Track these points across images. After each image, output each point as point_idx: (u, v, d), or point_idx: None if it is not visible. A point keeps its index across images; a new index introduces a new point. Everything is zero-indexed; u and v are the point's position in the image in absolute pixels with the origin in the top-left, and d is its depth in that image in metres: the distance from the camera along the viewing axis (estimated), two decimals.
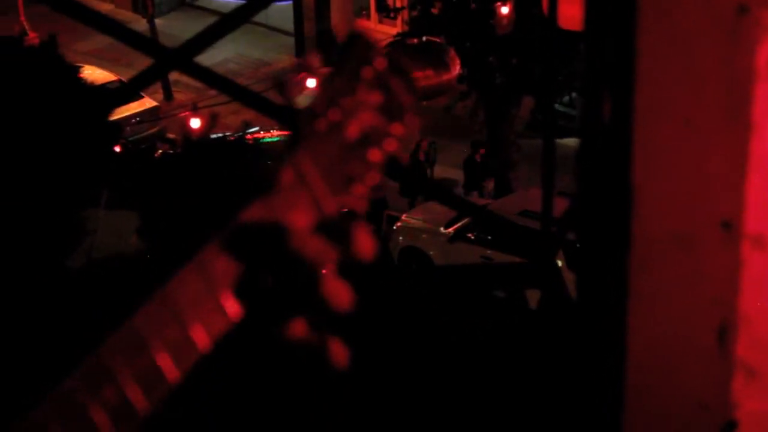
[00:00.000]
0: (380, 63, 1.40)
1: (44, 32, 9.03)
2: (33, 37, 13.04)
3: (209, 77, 2.40)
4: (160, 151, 12.12)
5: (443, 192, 3.08)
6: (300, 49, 14.30)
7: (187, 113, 10.25)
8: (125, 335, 1.09)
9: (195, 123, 9.54)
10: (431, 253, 10.87)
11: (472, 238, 10.40)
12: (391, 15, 12.12)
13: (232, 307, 1.21)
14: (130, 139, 12.16)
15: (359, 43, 1.42)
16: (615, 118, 1.81)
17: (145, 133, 13.50)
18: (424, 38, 9.87)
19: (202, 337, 1.17)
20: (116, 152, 8.27)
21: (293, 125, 1.31)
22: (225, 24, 2.50)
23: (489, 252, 9.97)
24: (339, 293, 1.24)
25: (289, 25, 14.89)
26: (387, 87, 1.43)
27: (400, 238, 11.04)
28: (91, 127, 6.49)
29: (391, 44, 10.22)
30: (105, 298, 1.25)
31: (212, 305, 1.20)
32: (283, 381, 1.36)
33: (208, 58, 13.38)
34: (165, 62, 2.44)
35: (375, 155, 1.38)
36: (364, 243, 1.28)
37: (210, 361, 1.19)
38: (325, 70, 1.43)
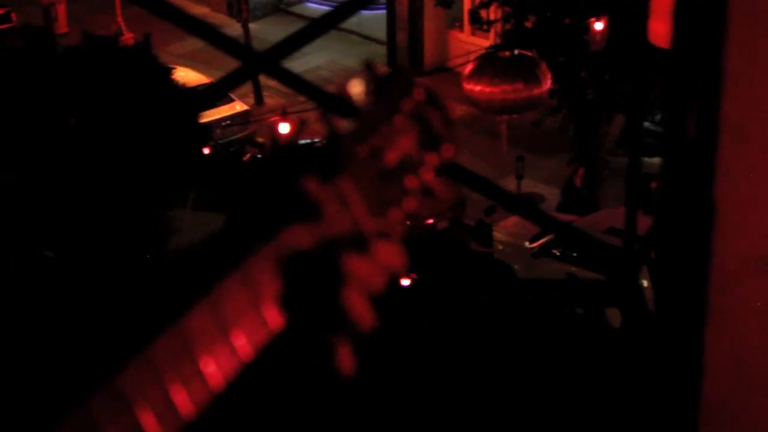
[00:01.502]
0: (419, 95, 1.47)
1: (140, 33, 9.16)
2: (128, 38, 13.23)
3: (294, 81, 2.41)
4: (249, 154, 12.23)
5: (526, 207, 3.07)
6: (392, 59, 14.34)
7: (276, 118, 10.32)
8: (171, 340, 1.11)
9: (284, 128, 9.61)
10: (516, 266, 10.83)
11: (557, 254, 10.36)
12: (484, 27, 12.09)
13: (275, 319, 1.25)
14: (220, 142, 12.28)
15: (400, 75, 1.48)
16: (699, 136, 1.78)
17: (235, 137, 13.63)
18: (516, 51, 9.83)
19: (244, 347, 1.20)
20: (205, 154, 8.36)
21: (336, 150, 1.37)
22: (313, 29, 2.51)
23: (573, 269, 9.92)
24: (366, 313, 1.29)
25: (383, 34, 14.94)
26: (424, 118, 1.50)
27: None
28: (180, 128, 6.57)
29: (482, 56, 10.20)
30: (159, 298, 1.29)
31: (255, 316, 1.23)
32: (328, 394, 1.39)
33: (300, 65, 13.48)
34: (252, 66, 2.45)
35: (411, 182, 1.44)
36: (396, 262, 1.34)
37: (249, 370, 1.22)
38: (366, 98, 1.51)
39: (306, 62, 13.66)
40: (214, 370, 1.18)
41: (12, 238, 6.26)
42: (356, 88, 1.44)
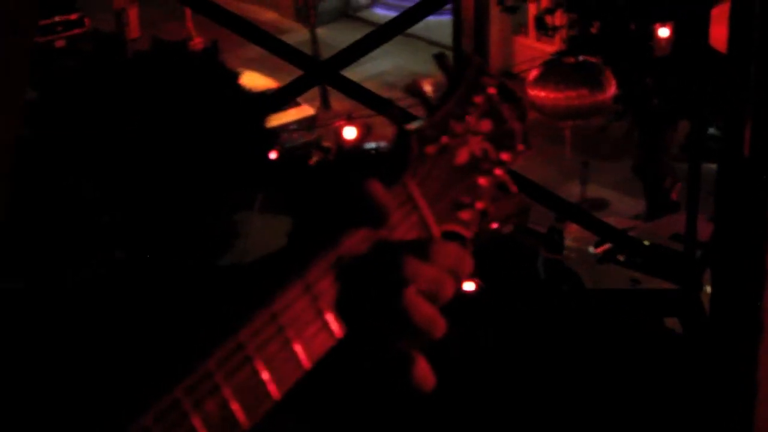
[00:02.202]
0: (492, 90, 1.42)
1: (210, 37, 9.24)
2: (197, 42, 13.35)
3: (354, 90, 2.45)
4: (315, 158, 12.29)
5: (584, 215, 3.06)
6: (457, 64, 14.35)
7: (342, 122, 10.38)
8: (230, 348, 1.12)
9: (349, 132, 9.65)
10: (581, 272, 10.77)
11: (622, 260, 10.31)
12: (549, 33, 12.07)
13: (336, 328, 1.24)
14: (287, 146, 12.34)
15: (473, 67, 1.43)
16: (755, 142, 1.80)
17: (302, 141, 13.69)
18: (580, 57, 9.81)
19: (304, 356, 1.20)
20: (272, 158, 8.43)
21: (404, 148, 1.33)
22: (374, 38, 2.56)
23: (638, 275, 9.86)
24: (434, 321, 1.25)
25: (448, 40, 14.96)
26: (498, 114, 1.45)
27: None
28: (246, 132, 6.64)
29: (547, 62, 10.18)
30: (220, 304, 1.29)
31: (317, 324, 1.22)
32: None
33: (366, 70, 13.53)
34: (313, 74, 2.50)
35: (483, 181, 1.39)
36: (463, 267, 1.29)
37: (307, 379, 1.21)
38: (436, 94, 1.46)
39: (371, 67, 13.70)
40: (273, 378, 1.17)
41: (87, 240, 6.33)
42: (426, 86, 1.42)
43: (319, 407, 1.28)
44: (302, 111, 13.96)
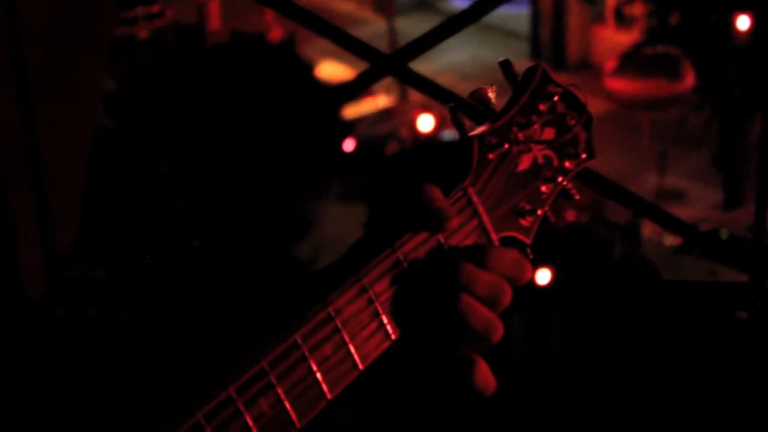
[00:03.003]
0: (557, 98, 1.44)
1: (289, 29, 9.32)
2: (276, 34, 13.47)
3: (422, 83, 2.49)
4: (392, 149, 12.33)
5: (658, 212, 3.06)
6: (536, 55, 14.31)
7: (417, 113, 10.42)
8: (285, 347, 1.15)
9: (424, 123, 9.69)
10: (657, 263, 10.65)
11: (699, 251, 10.19)
12: (628, 24, 11.99)
13: (392, 330, 1.26)
14: (363, 136, 12.41)
15: (538, 75, 1.47)
16: None
17: (379, 131, 13.75)
18: (659, 48, 9.76)
19: (359, 357, 1.22)
20: (348, 148, 8.50)
21: (466, 154, 1.36)
22: (443, 29, 2.58)
23: (715, 266, 9.75)
24: (491, 325, 1.25)
25: (526, 30, 14.93)
26: (562, 122, 1.48)
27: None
28: (321, 123, 6.71)
29: (626, 53, 10.15)
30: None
31: (373, 326, 1.24)
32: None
33: (442, 61, 13.56)
34: (380, 67, 2.54)
35: (545, 188, 1.42)
36: (519, 274, 1.30)
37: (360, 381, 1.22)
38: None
39: (448, 58, 13.71)
40: (327, 378, 1.19)
41: (165, 228, 6.46)
42: (490, 93, 1.44)
43: (376, 406, 1.30)
44: (379, 101, 14.02)
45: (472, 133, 1.37)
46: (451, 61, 14.16)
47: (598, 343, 3.73)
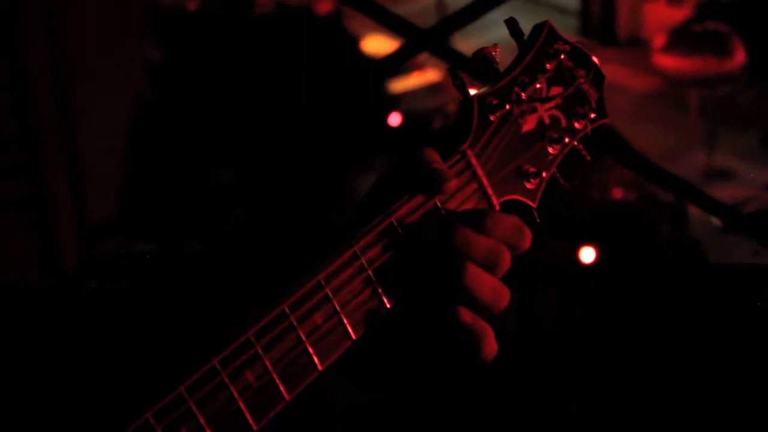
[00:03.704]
0: (566, 55, 1.39)
1: (336, 1, 9.27)
2: (324, 6, 13.42)
3: (458, 58, 2.47)
4: (438, 123, 12.29)
5: (685, 188, 3.00)
6: (585, 30, 14.19)
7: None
8: (273, 316, 1.11)
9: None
10: (702, 242, 10.56)
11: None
12: (679, 0, 11.86)
13: (387, 298, 1.21)
14: (411, 110, 12.35)
15: (545, 33, 1.42)
16: None
17: (427, 106, 13.68)
18: (709, 24, 9.65)
19: (352, 326, 1.18)
20: (393, 122, 8.47)
21: (465, 115, 1.32)
22: (479, 6, 2.56)
23: (760, 247, 9.64)
24: (494, 291, 1.20)
25: (576, 5, 14.77)
26: (571, 80, 1.42)
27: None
28: (364, 96, 6.69)
29: (675, 29, 10.04)
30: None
31: (366, 294, 1.20)
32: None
33: (489, 36, 13.44)
34: (417, 42, 2.53)
35: (552, 150, 1.37)
36: (519, 240, 1.25)
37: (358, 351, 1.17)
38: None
39: (495, 34, 13.59)
40: (317, 348, 1.15)
41: (210, 198, 6.47)
42: (493, 52, 1.40)
43: (376, 376, 1.25)
44: (427, 76, 13.94)
45: (473, 95, 1.33)
46: (498, 37, 13.98)
47: (593, 323, 3.71)
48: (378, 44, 10.90)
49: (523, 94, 1.36)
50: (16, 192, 3.84)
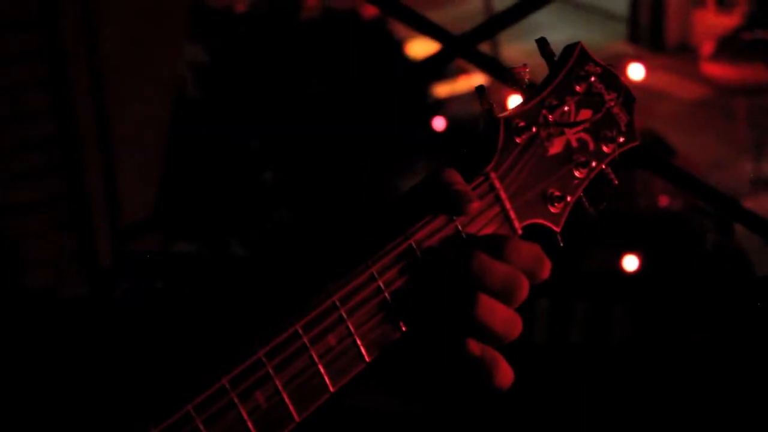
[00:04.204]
0: (597, 77, 1.36)
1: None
2: (370, 10, 13.41)
3: (490, 65, 2.46)
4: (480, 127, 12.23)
5: (725, 201, 2.96)
6: (633, 37, 14.10)
7: (510, 93, 10.32)
8: (285, 336, 1.09)
9: (515, 103, 9.58)
10: (749, 253, 10.45)
11: None
12: (729, 8, 11.77)
13: (402, 321, 1.18)
14: (456, 115, 12.32)
15: (576, 54, 1.38)
16: None
17: (472, 110, 13.63)
18: (758, 33, 9.57)
19: (365, 348, 1.15)
20: (438, 127, 8.45)
21: (490, 137, 1.29)
22: (517, 11, 2.55)
23: None
24: (505, 321, 1.17)
25: (624, 11, 14.70)
26: (600, 104, 1.39)
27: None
28: (407, 100, 6.69)
29: (724, 37, 9.96)
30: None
31: (381, 316, 1.17)
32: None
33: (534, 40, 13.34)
34: (451, 48, 2.52)
35: (579, 173, 1.34)
36: (537, 268, 1.22)
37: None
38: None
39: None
40: (329, 370, 1.12)
41: (253, 200, 6.49)
42: (523, 73, 1.37)
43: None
44: (473, 80, 13.91)
45: (500, 116, 1.30)
46: (550, 41, 13.91)
47: (664, 338, 3.64)
48: (423, 48, 10.90)
49: (550, 116, 1.33)
50: (55, 191, 3.88)
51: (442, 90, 10.18)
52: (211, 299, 1.32)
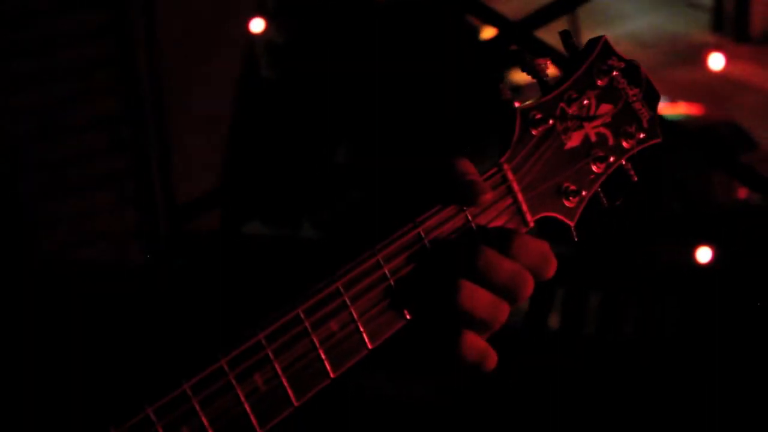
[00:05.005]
0: (619, 72, 1.34)
1: None
2: None
3: (545, 52, 2.45)
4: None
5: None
6: (717, 26, 13.88)
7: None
8: (287, 320, 1.08)
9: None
10: None
11: None
12: None
13: (406, 309, 1.17)
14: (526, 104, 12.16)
15: (599, 48, 1.37)
16: None
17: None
18: None
19: (368, 335, 1.14)
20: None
21: (505, 128, 1.28)
22: (563, 4, 2.51)
23: None
24: (493, 311, 1.16)
25: (709, 0, 14.47)
26: (623, 99, 1.36)
27: None
28: (485, 86, 6.65)
29: None
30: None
31: (384, 303, 1.16)
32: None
33: (619, 29, 13.24)
34: (507, 35, 2.51)
35: (596, 168, 1.32)
36: (543, 266, 1.20)
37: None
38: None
39: (626, 27, 13.39)
40: (330, 355, 1.12)
41: (326, 180, 6.51)
42: (543, 64, 1.36)
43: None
44: (550, 68, 13.79)
45: (517, 107, 1.28)
46: (631, 30, 13.78)
47: (716, 334, 3.58)
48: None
49: (569, 109, 1.31)
50: (121, 168, 3.92)
51: (518, 77, 10.13)
52: (226, 280, 1.33)
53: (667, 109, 9.98)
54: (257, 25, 6.14)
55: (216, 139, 4.32)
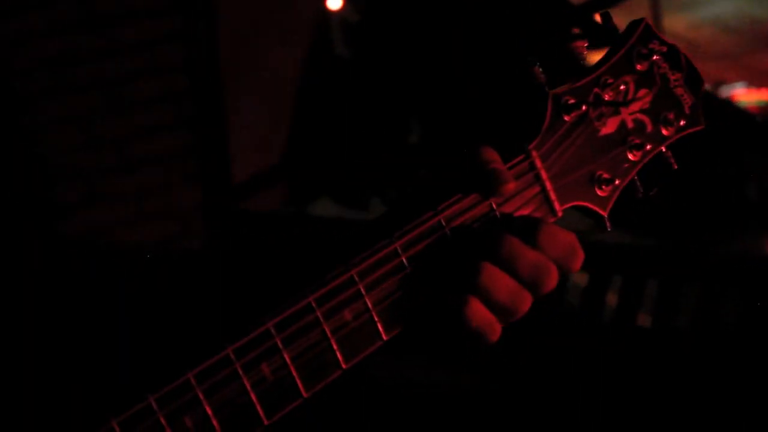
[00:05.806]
0: (661, 56, 1.29)
1: None
2: None
3: (610, 37, 2.41)
4: None
5: None
6: None
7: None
8: (298, 308, 1.05)
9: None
10: None
11: None
12: None
13: (424, 299, 1.13)
14: None
15: (639, 31, 1.32)
16: None
17: None
18: None
19: (383, 326, 1.10)
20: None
21: (535, 114, 1.23)
22: None
23: None
24: (514, 300, 1.12)
25: None
26: (663, 84, 1.31)
27: None
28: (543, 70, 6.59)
29: None
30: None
31: (400, 293, 1.12)
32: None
33: (702, 13, 13.00)
34: (566, 19, 2.47)
35: (632, 156, 1.26)
36: (569, 258, 1.15)
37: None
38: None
39: (710, 11, 13.15)
40: (342, 345, 1.08)
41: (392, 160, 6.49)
42: (580, 47, 1.30)
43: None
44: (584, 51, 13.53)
45: (550, 91, 1.24)
46: (714, 14, 13.52)
47: None
48: None
49: (604, 94, 1.27)
50: (185, 144, 3.94)
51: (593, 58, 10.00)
52: (243, 265, 1.32)
53: (746, 95, 9.84)
54: (335, 3, 6.12)
55: (276, 116, 4.32)
